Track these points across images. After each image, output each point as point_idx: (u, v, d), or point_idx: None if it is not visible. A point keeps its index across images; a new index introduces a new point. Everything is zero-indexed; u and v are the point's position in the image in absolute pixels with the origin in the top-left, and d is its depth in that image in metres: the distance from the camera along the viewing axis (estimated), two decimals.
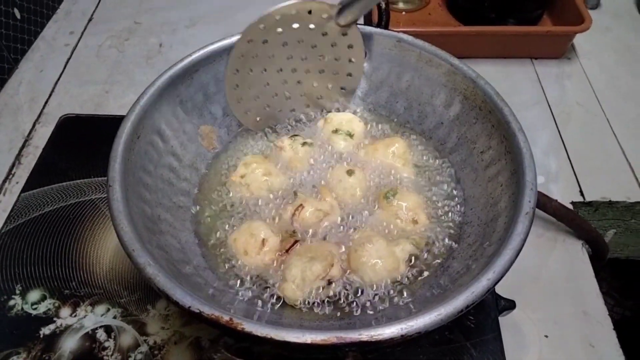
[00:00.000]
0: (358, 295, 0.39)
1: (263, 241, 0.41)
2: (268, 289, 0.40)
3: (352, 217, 0.44)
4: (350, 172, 0.45)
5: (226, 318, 0.29)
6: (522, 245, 0.33)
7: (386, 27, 0.50)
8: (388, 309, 0.37)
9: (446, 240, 0.42)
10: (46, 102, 0.70)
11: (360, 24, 0.50)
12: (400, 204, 0.43)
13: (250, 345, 0.44)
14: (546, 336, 0.49)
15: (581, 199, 0.60)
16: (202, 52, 0.46)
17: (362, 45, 0.47)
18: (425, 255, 0.41)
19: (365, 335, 0.28)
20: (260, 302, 0.38)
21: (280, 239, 0.42)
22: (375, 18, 0.62)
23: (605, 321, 0.51)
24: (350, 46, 0.47)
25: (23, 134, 0.66)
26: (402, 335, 0.28)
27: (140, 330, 0.46)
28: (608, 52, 0.77)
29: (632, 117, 0.68)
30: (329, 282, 0.39)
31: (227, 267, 0.41)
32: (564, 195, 0.59)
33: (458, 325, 0.42)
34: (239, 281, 0.40)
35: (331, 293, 0.39)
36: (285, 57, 0.47)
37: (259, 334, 0.28)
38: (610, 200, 0.60)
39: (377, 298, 0.39)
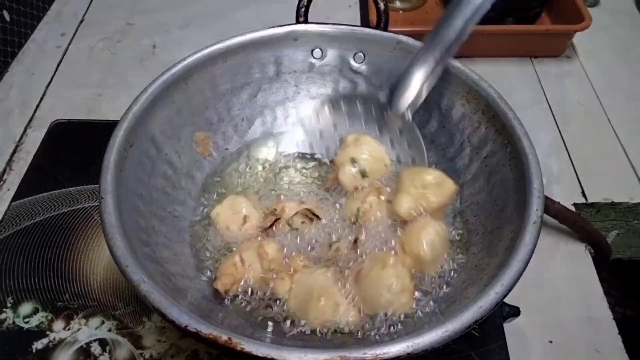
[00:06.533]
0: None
1: (245, 217, 0.41)
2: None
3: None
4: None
5: (225, 337, 0.28)
6: (531, 256, 0.32)
7: (385, 29, 0.49)
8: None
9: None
10: (37, 106, 0.68)
11: (357, 26, 0.49)
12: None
13: None
14: (550, 342, 0.48)
15: (583, 200, 0.59)
16: (196, 56, 0.44)
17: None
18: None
19: (370, 354, 0.27)
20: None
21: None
22: (374, 19, 0.61)
23: (610, 326, 0.50)
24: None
25: (14, 139, 0.64)
26: (408, 354, 0.27)
27: (136, 343, 0.44)
28: (608, 50, 0.76)
29: (633, 116, 0.67)
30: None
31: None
32: (566, 197, 0.58)
33: (463, 335, 0.41)
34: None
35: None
36: None
37: (260, 354, 0.27)
38: (612, 202, 0.59)
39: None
